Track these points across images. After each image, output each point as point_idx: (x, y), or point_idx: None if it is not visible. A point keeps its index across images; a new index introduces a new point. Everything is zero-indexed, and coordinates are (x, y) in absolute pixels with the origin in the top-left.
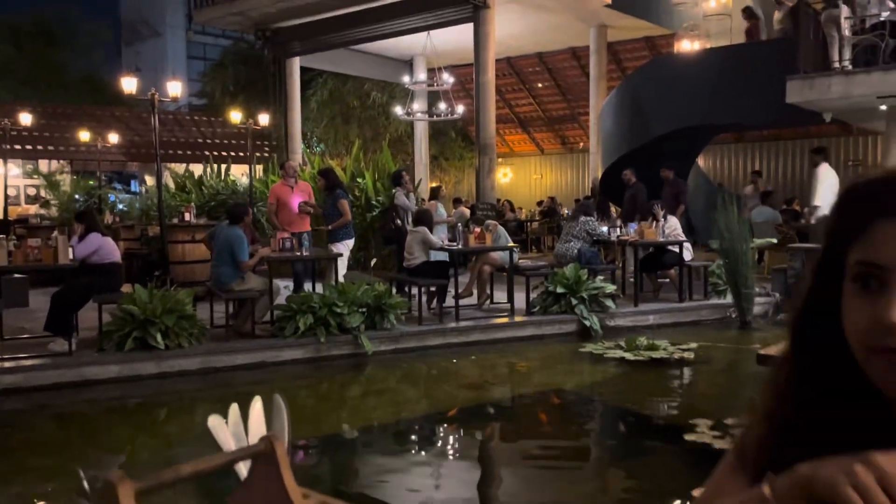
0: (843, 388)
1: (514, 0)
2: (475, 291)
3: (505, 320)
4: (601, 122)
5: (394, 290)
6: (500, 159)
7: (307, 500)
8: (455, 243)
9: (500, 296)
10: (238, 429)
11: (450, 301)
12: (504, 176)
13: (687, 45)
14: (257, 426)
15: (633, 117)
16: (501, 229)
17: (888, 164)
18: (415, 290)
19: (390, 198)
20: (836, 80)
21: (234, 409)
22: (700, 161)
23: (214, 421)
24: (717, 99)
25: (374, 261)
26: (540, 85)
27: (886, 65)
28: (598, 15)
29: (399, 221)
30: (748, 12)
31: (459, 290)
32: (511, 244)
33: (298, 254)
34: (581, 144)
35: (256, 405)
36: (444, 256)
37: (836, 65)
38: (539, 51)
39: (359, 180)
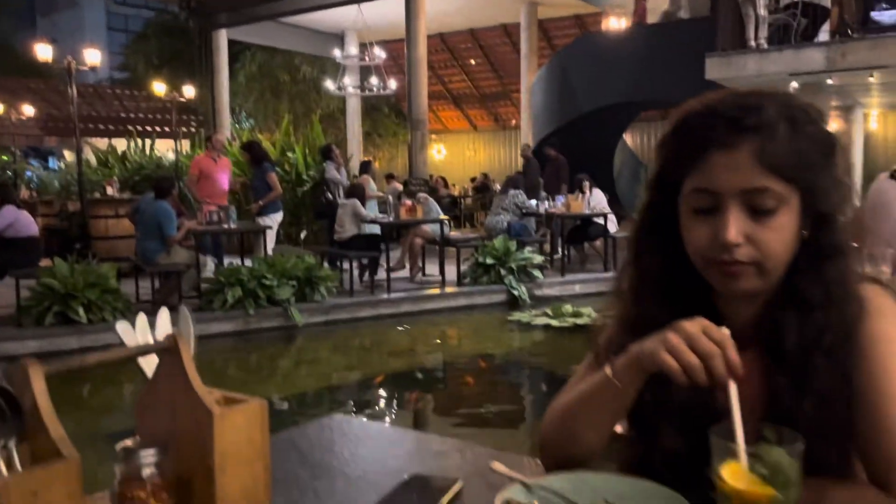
0: (676, 287)
1: None
2: (407, 264)
3: (436, 291)
4: (531, 99)
5: (325, 265)
6: (433, 136)
7: (211, 394)
8: (386, 216)
9: (432, 268)
10: (145, 334)
11: (382, 274)
12: (438, 153)
13: (614, 24)
14: (164, 331)
15: (562, 94)
16: (432, 202)
17: None
18: (347, 264)
19: (321, 172)
20: (752, 58)
21: (142, 316)
22: (627, 137)
23: (122, 326)
24: (642, 76)
25: (304, 233)
26: (473, 61)
27: (798, 43)
28: None
29: (330, 195)
30: None
31: (391, 264)
32: (442, 217)
33: (226, 226)
34: (514, 121)
35: (163, 314)
36: (375, 230)
37: (752, 43)
38: (471, 27)
39: (289, 155)
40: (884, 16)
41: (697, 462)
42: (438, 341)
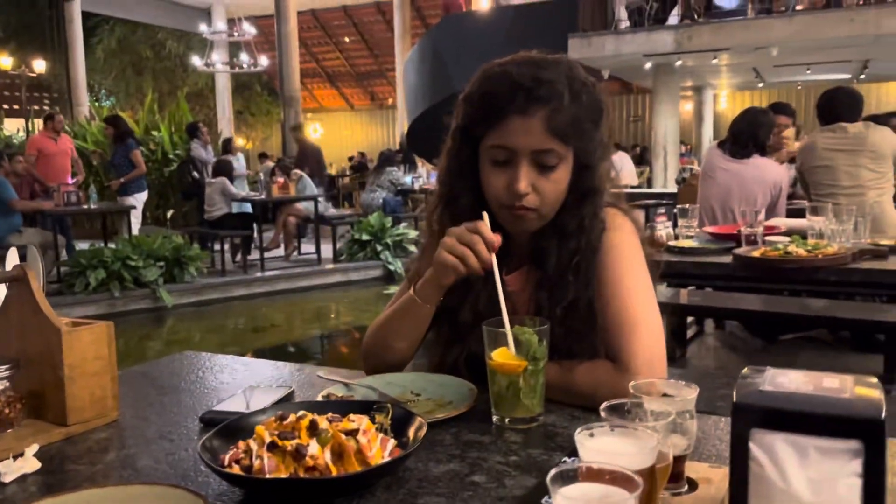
0: (475, 218)
1: None
2: (282, 243)
3: (312, 269)
4: (404, 77)
5: (196, 245)
6: (309, 115)
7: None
8: (258, 194)
9: (309, 247)
10: None
11: (256, 254)
12: (315, 132)
13: (484, 3)
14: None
15: (433, 72)
16: (307, 179)
17: (656, 118)
18: (218, 244)
19: (187, 150)
20: (610, 39)
21: None
22: None
23: None
24: (507, 55)
25: (171, 212)
26: (347, 39)
27: (650, 27)
28: None
29: (197, 174)
30: None
31: (265, 243)
32: (316, 194)
33: (86, 206)
34: (390, 100)
35: (12, 252)
36: (247, 208)
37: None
38: (344, 4)
39: (154, 133)
40: (725, 2)
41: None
42: (314, 317)
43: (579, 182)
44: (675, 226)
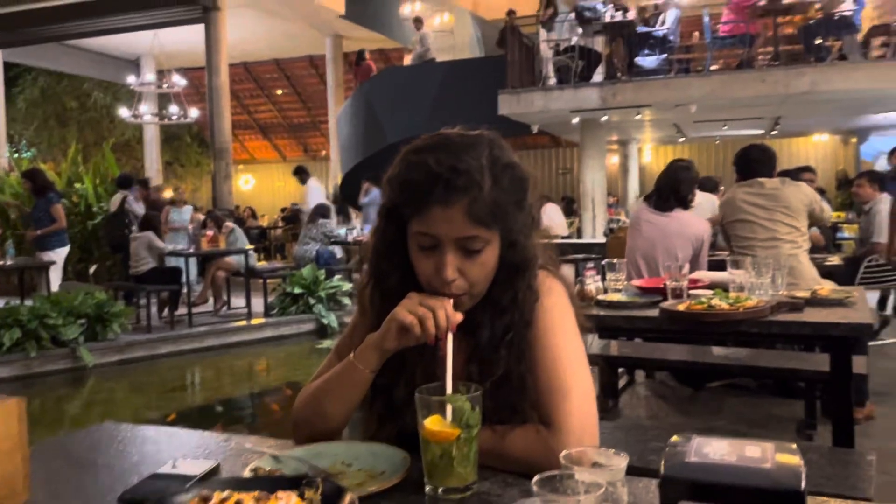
0: (407, 290)
1: (247, 4)
2: (211, 298)
3: (242, 323)
4: (338, 130)
5: (121, 301)
6: (241, 166)
7: None
8: (186, 248)
9: (239, 301)
10: None
11: (184, 309)
12: (246, 183)
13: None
14: None
15: (368, 125)
16: (238, 231)
17: (584, 171)
18: (144, 299)
19: (117, 203)
20: (538, 96)
21: None
22: None
23: None
24: (440, 110)
25: (94, 267)
26: (279, 91)
27: (577, 84)
28: (333, 25)
29: (127, 227)
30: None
31: (193, 298)
32: (248, 246)
33: (1, 262)
34: (323, 152)
35: None
36: (176, 262)
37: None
38: (276, 57)
39: (77, 186)
40: (646, 61)
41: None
42: (245, 374)
43: (509, 258)
44: (603, 279)
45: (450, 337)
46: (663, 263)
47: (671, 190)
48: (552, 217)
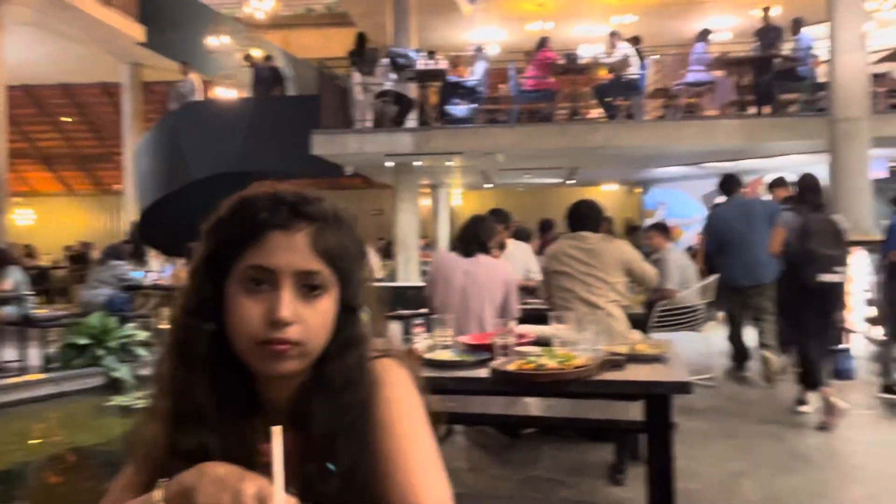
0: (220, 373)
1: (31, 23)
2: None
3: (15, 381)
4: (136, 163)
5: None
6: (19, 199)
7: None
8: None
9: (10, 354)
10: None
11: None
12: (25, 218)
13: (222, 92)
14: None
15: (171, 160)
16: (17, 274)
17: (399, 214)
18: None
19: None
20: (353, 138)
21: None
22: None
23: None
24: (250, 147)
25: None
26: (68, 119)
27: (391, 128)
28: (131, 52)
29: None
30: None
31: None
32: (26, 292)
33: None
34: (117, 186)
35: None
36: None
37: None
38: (64, 81)
39: None
40: (456, 109)
41: None
42: (18, 438)
43: (343, 327)
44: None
45: (277, 435)
46: (476, 310)
47: (473, 237)
48: (369, 259)
